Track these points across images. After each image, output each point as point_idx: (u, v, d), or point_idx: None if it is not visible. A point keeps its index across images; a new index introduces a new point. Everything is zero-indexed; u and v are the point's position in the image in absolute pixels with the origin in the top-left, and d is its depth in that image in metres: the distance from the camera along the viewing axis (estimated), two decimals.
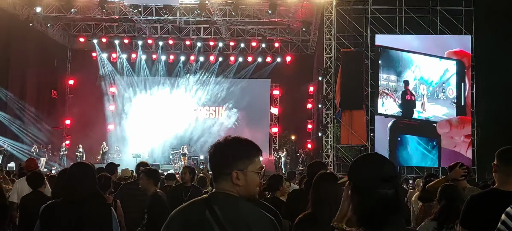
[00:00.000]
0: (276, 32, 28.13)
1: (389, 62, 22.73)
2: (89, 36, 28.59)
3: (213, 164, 2.61)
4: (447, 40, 22.99)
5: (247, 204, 2.57)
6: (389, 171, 2.36)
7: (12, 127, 23.85)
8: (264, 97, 29.98)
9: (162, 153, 28.17)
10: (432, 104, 22.26)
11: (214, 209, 2.47)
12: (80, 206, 3.93)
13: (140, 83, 29.74)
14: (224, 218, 2.44)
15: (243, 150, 2.62)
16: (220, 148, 2.60)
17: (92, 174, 4.16)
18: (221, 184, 2.56)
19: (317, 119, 26.39)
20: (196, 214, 2.51)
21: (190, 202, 2.63)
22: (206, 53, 29.40)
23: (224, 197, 2.52)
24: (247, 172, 2.56)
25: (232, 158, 2.57)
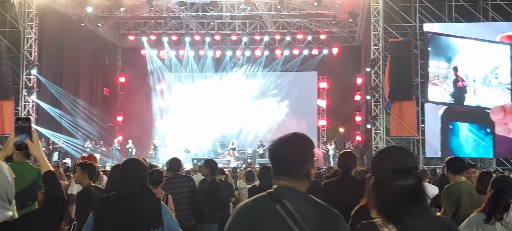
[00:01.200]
0: (322, 24, 27.94)
1: (439, 49, 22.12)
2: (138, 34, 29.22)
3: (285, 161, 2.60)
4: (499, 27, 22.26)
5: (316, 199, 2.61)
6: (407, 162, 2.39)
7: (66, 124, 24.63)
8: (311, 90, 29.87)
9: (212, 147, 28.50)
10: (485, 90, 21.58)
11: (284, 203, 2.48)
12: (131, 200, 4.06)
13: (188, 79, 30.21)
14: (296, 211, 2.46)
15: (312, 147, 2.68)
16: (295, 145, 2.62)
17: (143, 169, 4.28)
18: (292, 180, 2.58)
19: (365, 111, 26.10)
20: (266, 208, 2.53)
21: (255, 197, 2.66)
22: (252, 48, 29.53)
23: (293, 192, 2.55)
24: (314, 167, 2.65)
25: (309, 156, 2.63)
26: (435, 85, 21.96)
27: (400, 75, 22.07)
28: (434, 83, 21.95)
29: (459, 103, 21.76)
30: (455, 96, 21.85)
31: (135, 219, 4.00)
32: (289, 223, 2.44)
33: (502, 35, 21.64)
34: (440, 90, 21.94)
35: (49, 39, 23.67)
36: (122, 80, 30.98)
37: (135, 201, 4.05)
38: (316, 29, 28.16)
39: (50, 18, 23.33)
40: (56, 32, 24.05)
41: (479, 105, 21.54)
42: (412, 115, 22.55)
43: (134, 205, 4.02)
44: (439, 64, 22.06)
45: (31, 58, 22.56)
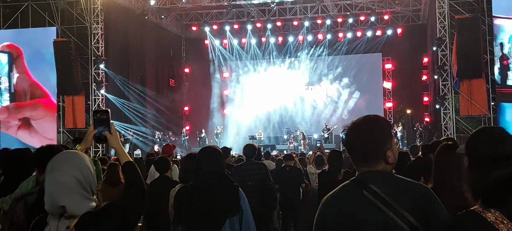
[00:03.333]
0: (385, 4, 27.31)
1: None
2: (200, 24, 29.62)
3: (360, 146, 2.57)
4: None
5: (402, 178, 2.57)
6: (506, 147, 2.27)
7: (134, 116, 25.30)
8: (376, 71, 29.38)
9: (277, 133, 28.64)
10: None
11: (371, 188, 2.46)
12: (209, 189, 4.12)
13: (251, 67, 30.40)
14: (385, 194, 2.43)
15: (388, 127, 2.63)
16: (366, 130, 2.58)
17: (219, 157, 4.33)
18: (371, 165, 2.55)
19: (433, 91, 25.43)
20: (353, 196, 2.50)
21: (339, 187, 2.62)
22: (314, 32, 29.29)
23: (378, 175, 2.52)
24: (393, 148, 2.58)
25: (383, 139, 2.57)
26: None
27: (468, 53, 21.30)
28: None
29: (503, 84, 20.88)
30: (500, 75, 20.97)
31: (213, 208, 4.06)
32: (381, 206, 2.40)
33: None
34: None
35: (114, 33, 24.28)
36: (187, 71, 31.57)
37: (213, 190, 4.11)
38: (379, 10, 27.57)
39: (114, 13, 23.93)
40: (121, 26, 24.68)
41: None
42: (482, 93, 21.76)
43: (212, 194, 4.09)
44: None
45: (98, 53, 23.24)
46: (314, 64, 29.67)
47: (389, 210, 2.38)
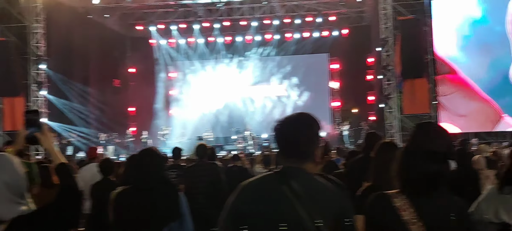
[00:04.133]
0: (330, 5, 27.62)
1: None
2: (146, 24, 29.11)
3: (291, 141, 2.58)
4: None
5: (322, 180, 2.60)
6: (438, 147, 2.39)
7: (78, 118, 24.69)
8: (323, 71, 29.70)
9: (226, 134, 28.54)
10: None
11: (291, 184, 2.47)
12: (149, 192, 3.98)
13: (199, 66, 30.14)
14: (303, 192, 2.44)
15: (319, 127, 2.64)
16: (300, 126, 2.60)
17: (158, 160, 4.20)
18: (297, 161, 2.55)
19: (378, 90, 25.95)
20: (272, 188, 2.51)
21: (261, 176, 2.68)
22: (262, 32, 29.34)
23: (301, 173, 2.53)
24: (319, 148, 2.61)
25: (314, 138, 2.59)
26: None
27: (411, 53, 21.93)
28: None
29: None
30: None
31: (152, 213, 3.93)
32: (295, 203, 2.42)
33: None
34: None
35: (56, 33, 23.54)
36: (132, 71, 30.93)
37: (153, 194, 3.98)
38: (325, 11, 27.89)
39: (56, 12, 23.17)
40: (64, 25, 23.92)
41: None
42: (424, 92, 22.46)
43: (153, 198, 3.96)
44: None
45: (39, 53, 22.54)
46: (263, 64, 29.72)
47: (302, 208, 2.39)
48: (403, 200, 2.37)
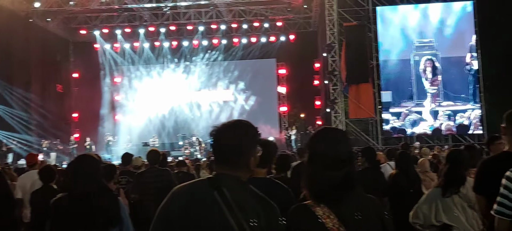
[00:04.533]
0: (277, 11, 27.85)
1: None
2: (90, 28, 28.48)
3: (227, 149, 2.55)
4: (450, 7, 22.80)
5: (255, 190, 2.57)
6: (341, 152, 2.42)
7: (19, 124, 23.87)
8: (271, 77, 29.82)
9: (172, 139, 28.21)
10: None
11: (223, 191, 2.45)
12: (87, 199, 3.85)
13: (145, 71, 29.68)
14: (233, 200, 2.42)
15: (256, 135, 2.62)
16: (236, 134, 2.57)
17: (96, 166, 4.06)
18: (232, 169, 2.53)
19: (324, 95, 26.29)
20: (204, 194, 2.48)
21: (194, 182, 2.63)
22: (209, 37, 29.21)
23: (233, 180, 2.51)
24: (256, 156, 2.58)
25: (251, 145, 2.57)
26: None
27: (356, 58, 22.38)
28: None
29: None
30: None
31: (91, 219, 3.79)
32: (225, 211, 2.40)
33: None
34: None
35: None
36: (76, 76, 30.14)
37: (91, 200, 3.85)
38: (272, 16, 28.06)
39: None
40: (3, 29, 23.09)
41: None
42: (369, 97, 22.91)
43: (90, 204, 3.82)
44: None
45: None
46: (210, 69, 29.56)
47: (231, 217, 2.38)
48: (324, 208, 2.38)
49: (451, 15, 22.56)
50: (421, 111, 22.37)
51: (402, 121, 22.47)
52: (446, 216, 4.93)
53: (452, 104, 22.23)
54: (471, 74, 22.26)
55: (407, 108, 22.44)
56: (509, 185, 2.86)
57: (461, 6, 22.72)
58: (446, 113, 22.23)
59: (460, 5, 22.73)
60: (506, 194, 2.88)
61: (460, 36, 22.43)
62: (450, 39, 22.37)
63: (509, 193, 2.86)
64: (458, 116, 22.23)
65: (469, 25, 22.44)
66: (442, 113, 22.26)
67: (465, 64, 22.29)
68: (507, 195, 2.88)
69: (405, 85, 22.53)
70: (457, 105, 22.23)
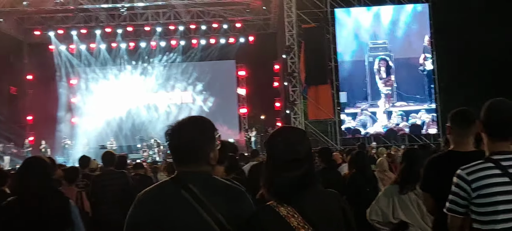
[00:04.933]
0: (236, 12, 27.83)
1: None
2: (44, 29, 27.80)
3: (185, 146, 2.53)
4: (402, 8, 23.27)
5: (221, 180, 2.59)
6: (298, 151, 2.42)
7: None
8: (230, 78, 29.75)
9: (130, 142, 27.80)
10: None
11: (190, 188, 2.43)
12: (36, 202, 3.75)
13: (101, 73, 29.15)
14: (202, 195, 2.41)
15: (212, 129, 2.62)
16: (192, 130, 2.56)
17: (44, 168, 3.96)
18: (193, 165, 2.51)
19: (284, 97, 26.40)
20: (171, 194, 2.46)
21: (158, 184, 2.62)
22: (167, 38, 28.93)
23: (199, 176, 2.49)
24: (215, 150, 2.57)
25: (208, 140, 2.56)
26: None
27: (315, 60, 22.58)
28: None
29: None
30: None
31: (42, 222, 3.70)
32: (197, 207, 2.39)
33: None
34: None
35: None
36: (30, 78, 29.34)
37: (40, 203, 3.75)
38: (231, 18, 28.02)
39: None
40: None
41: None
42: (328, 98, 23.13)
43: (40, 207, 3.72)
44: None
45: None
46: (168, 70, 29.27)
47: (204, 211, 2.37)
48: (287, 208, 2.37)
49: (403, 17, 23.05)
50: (375, 111, 22.75)
51: (357, 121, 22.81)
52: (403, 213, 5.02)
53: (405, 105, 22.70)
54: (425, 75, 22.76)
55: (362, 108, 22.79)
56: (460, 183, 2.91)
57: (412, 7, 23.21)
58: (399, 113, 22.67)
59: (412, 7, 23.22)
60: (457, 192, 2.94)
61: (413, 38, 22.93)
62: (403, 40, 22.85)
63: (460, 191, 2.92)
64: (411, 116, 22.71)
65: (421, 26, 22.95)
66: (396, 113, 22.69)
67: (419, 65, 22.78)
68: (458, 193, 2.93)
69: (360, 86, 22.89)
70: (410, 106, 22.71)
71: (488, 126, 2.99)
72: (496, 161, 2.89)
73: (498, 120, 2.95)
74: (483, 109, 3.03)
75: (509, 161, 2.89)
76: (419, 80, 22.82)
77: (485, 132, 3.01)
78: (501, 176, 2.84)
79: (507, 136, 2.96)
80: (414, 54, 22.79)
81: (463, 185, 2.90)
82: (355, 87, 22.93)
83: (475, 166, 2.92)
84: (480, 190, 2.84)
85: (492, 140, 2.98)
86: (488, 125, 2.99)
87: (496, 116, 2.96)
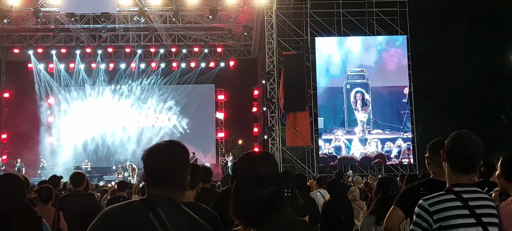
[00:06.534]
0: (218, 37, 28.02)
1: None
2: (24, 47, 27.55)
3: (158, 170, 2.54)
4: (382, 39, 23.68)
5: (188, 211, 2.57)
6: (267, 171, 2.47)
7: None
8: (209, 102, 29.76)
9: (105, 163, 27.51)
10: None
11: (158, 212, 2.44)
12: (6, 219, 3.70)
13: (79, 93, 28.96)
14: (168, 221, 2.42)
15: (187, 155, 2.64)
16: (166, 153, 2.56)
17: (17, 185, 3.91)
18: (166, 189, 2.52)
19: (262, 122, 26.46)
20: (137, 215, 2.45)
21: (127, 203, 2.60)
22: (147, 60, 28.93)
23: (167, 201, 2.50)
24: (187, 178, 2.61)
25: (185, 165, 2.59)
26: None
27: (294, 87, 22.74)
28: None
29: None
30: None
31: None
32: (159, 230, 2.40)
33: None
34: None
35: None
36: (6, 96, 29.00)
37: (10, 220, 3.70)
38: (212, 42, 28.19)
39: None
40: None
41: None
42: (306, 125, 23.22)
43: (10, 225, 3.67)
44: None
45: None
46: (147, 92, 29.20)
47: None
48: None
49: (381, 47, 23.43)
50: (351, 139, 22.92)
51: (332, 147, 22.93)
52: None
53: (381, 133, 22.92)
54: (402, 105, 23.06)
55: (338, 135, 22.95)
56: (422, 213, 2.97)
57: (392, 39, 23.62)
58: (375, 141, 22.87)
59: (392, 39, 23.64)
60: (419, 222, 2.99)
61: (391, 68, 23.26)
62: (381, 70, 23.16)
63: (422, 221, 2.97)
64: (386, 145, 22.92)
65: (400, 58, 23.31)
66: (372, 141, 22.88)
67: (396, 94, 23.09)
68: (419, 223, 2.98)
69: (337, 113, 23.09)
70: (386, 134, 22.93)
71: (450, 157, 3.05)
72: (457, 193, 2.94)
73: (461, 153, 3.00)
74: (448, 140, 3.08)
75: (469, 193, 2.95)
76: (395, 109, 23.10)
77: (448, 162, 3.07)
78: (462, 208, 2.90)
79: (468, 170, 3.02)
80: (391, 83, 23.11)
81: (425, 216, 2.95)
82: (333, 114, 23.12)
83: (437, 197, 2.97)
84: (442, 221, 2.90)
85: (455, 172, 3.03)
86: (453, 157, 3.04)
87: (459, 149, 3.01)
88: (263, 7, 23.19)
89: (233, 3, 22.89)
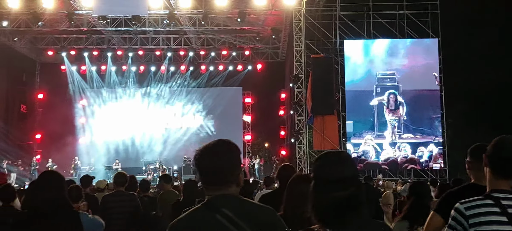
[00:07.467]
0: (246, 40, 28.15)
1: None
2: (57, 49, 28.20)
3: (214, 170, 2.57)
4: (413, 42, 23.48)
5: (252, 202, 2.66)
6: (344, 172, 2.42)
7: None
8: (237, 105, 29.94)
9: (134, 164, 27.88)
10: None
11: (224, 212, 2.47)
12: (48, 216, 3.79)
13: (110, 95, 29.47)
14: (237, 217, 2.45)
15: (239, 152, 2.69)
16: (221, 153, 2.61)
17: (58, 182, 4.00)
18: (223, 188, 2.56)
19: (289, 125, 26.46)
20: (205, 220, 2.49)
21: (190, 211, 2.61)
22: (176, 63, 29.27)
23: (230, 199, 2.54)
24: (242, 173, 2.66)
25: (237, 163, 2.63)
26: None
27: (322, 90, 22.64)
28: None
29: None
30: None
31: None
32: (232, 230, 2.43)
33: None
34: None
35: None
36: (41, 97, 29.70)
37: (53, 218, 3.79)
38: (240, 45, 28.35)
39: None
40: None
41: None
42: (334, 129, 23.10)
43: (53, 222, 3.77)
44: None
45: None
46: (176, 95, 29.54)
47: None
48: None
49: (412, 50, 23.22)
50: (381, 143, 22.77)
51: (360, 151, 22.83)
52: None
53: (412, 137, 22.71)
54: (433, 109, 22.82)
55: (368, 138, 22.82)
56: (457, 217, 2.93)
57: (423, 42, 23.40)
58: (405, 145, 22.67)
59: (422, 41, 23.41)
60: (454, 225, 2.95)
61: (422, 71, 23.02)
62: (411, 73, 22.94)
63: (457, 225, 2.93)
64: (419, 149, 22.68)
65: (431, 61, 23.06)
66: (402, 145, 22.69)
67: (427, 98, 22.86)
68: (454, 226, 2.95)
69: (367, 116, 22.97)
70: (417, 138, 22.71)
71: (492, 161, 2.98)
72: (496, 199, 2.87)
73: (503, 157, 2.93)
74: (491, 145, 3.02)
75: (509, 201, 2.86)
76: (426, 114, 22.87)
77: (489, 167, 3.00)
78: (499, 215, 2.82)
79: (510, 175, 2.94)
80: (423, 87, 22.90)
81: (460, 219, 2.90)
82: (362, 117, 23.00)
83: (474, 201, 2.91)
84: (477, 226, 2.83)
85: (495, 177, 2.96)
86: (493, 160, 2.98)
87: (502, 153, 2.94)
88: (291, 10, 23.18)
89: (262, 6, 22.94)
